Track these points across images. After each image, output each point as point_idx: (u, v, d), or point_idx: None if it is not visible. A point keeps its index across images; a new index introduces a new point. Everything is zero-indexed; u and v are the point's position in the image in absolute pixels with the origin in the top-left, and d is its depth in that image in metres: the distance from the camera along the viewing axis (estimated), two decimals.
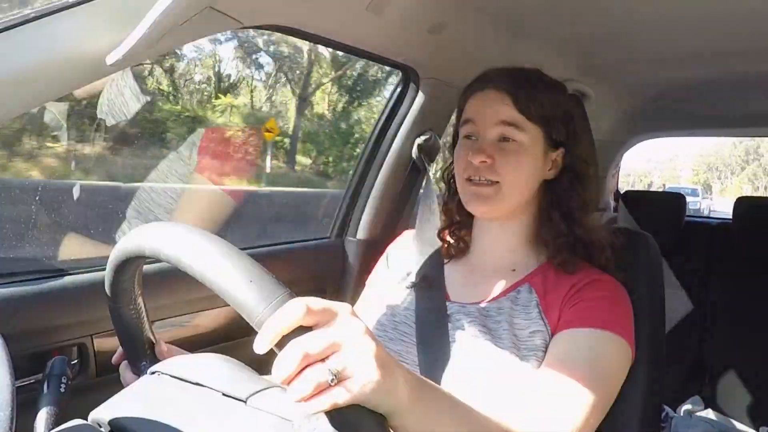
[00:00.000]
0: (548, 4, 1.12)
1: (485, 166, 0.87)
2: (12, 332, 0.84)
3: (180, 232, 0.53)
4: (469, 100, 0.94)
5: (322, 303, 0.46)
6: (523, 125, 0.88)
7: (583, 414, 0.72)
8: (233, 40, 11.22)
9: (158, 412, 0.57)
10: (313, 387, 0.43)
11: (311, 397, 0.43)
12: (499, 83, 0.90)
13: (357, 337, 0.45)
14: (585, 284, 0.85)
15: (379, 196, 1.49)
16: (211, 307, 1.17)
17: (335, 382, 0.43)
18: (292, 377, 0.43)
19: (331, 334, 0.45)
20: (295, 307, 0.44)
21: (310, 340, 0.44)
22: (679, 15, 1.12)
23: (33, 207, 1.84)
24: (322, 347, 0.44)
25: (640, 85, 1.76)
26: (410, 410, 0.49)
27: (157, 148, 6.26)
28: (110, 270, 0.64)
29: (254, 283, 0.46)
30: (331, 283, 1.47)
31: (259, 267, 0.48)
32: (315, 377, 0.43)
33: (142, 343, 0.73)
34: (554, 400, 0.74)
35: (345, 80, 10.82)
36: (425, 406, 0.52)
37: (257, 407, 0.56)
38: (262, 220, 4.46)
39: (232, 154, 6.91)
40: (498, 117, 0.89)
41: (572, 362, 0.77)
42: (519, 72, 0.93)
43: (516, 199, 0.90)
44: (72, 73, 0.71)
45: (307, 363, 0.43)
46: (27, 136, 3.67)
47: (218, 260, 0.48)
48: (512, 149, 0.88)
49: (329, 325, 0.45)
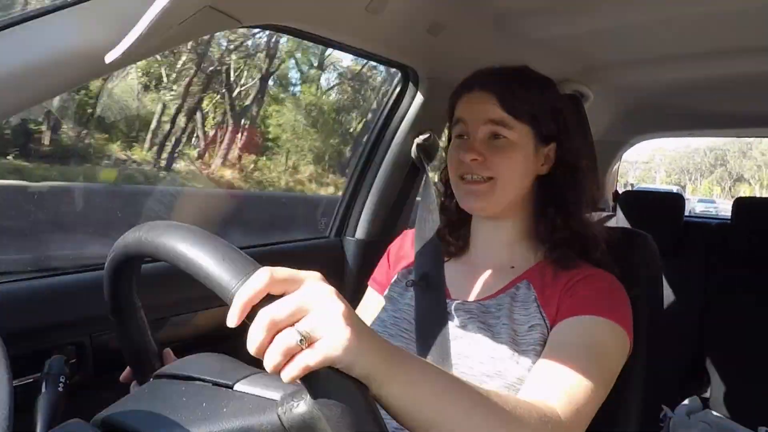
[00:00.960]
0: (548, 4, 1.12)
1: (477, 163, 0.89)
2: (10, 331, 0.84)
3: (158, 225, 0.55)
4: (459, 101, 0.96)
5: (288, 271, 0.46)
6: (511, 123, 0.89)
7: (582, 388, 0.71)
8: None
9: (148, 404, 0.58)
10: (283, 351, 0.43)
11: (285, 365, 0.43)
12: (484, 84, 0.92)
13: (324, 299, 0.46)
14: (582, 278, 0.86)
15: (378, 195, 1.49)
16: (209, 307, 1.17)
17: (305, 344, 0.43)
18: (264, 346, 0.44)
19: (297, 298, 0.45)
20: (261, 276, 0.44)
21: (277, 305, 0.44)
22: (679, 15, 1.12)
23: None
24: (289, 311, 0.44)
25: (640, 85, 1.76)
26: (391, 376, 0.49)
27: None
28: (107, 279, 0.65)
29: (226, 261, 0.47)
30: (330, 282, 1.46)
31: (232, 247, 0.49)
32: (284, 341, 0.43)
33: (148, 358, 0.74)
34: (553, 375, 0.73)
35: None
36: (407, 374, 0.51)
37: (243, 391, 0.56)
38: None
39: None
40: (486, 116, 0.90)
41: (570, 347, 0.77)
42: (505, 71, 0.94)
43: (511, 194, 0.91)
44: (71, 72, 0.71)
45: (276, 330, 0.44)
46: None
47: (192, 244, 0.49)
48: (503, 145, 0.89)
49: (297, 291, 0.45)
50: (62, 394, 0.66)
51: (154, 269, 1.03)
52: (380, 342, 0.49)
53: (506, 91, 0.89)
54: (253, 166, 9.05)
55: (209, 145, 8.66)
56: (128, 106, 7.53)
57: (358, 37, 1.14)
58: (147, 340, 0.72)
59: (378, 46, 1.21)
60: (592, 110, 1.63)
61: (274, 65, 9.58)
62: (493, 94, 0.90)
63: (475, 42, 1.26)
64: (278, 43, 8.97)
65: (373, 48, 1.21)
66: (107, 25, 0.70)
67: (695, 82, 1.66)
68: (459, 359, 0.84)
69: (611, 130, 2.18)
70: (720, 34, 1.21)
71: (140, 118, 7.84)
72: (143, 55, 0.76)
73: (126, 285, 0.67)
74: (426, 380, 0.54)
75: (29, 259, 2.54)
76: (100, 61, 0.70)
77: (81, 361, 0.97)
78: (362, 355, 0.45)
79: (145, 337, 0.72)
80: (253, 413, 0.52)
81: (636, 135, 2.44)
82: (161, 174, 7.40)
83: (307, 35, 1.10)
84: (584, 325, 0.79)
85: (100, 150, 6.53)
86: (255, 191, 8.48)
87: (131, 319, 0.70)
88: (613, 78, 1.65)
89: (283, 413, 0.49)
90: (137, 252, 0.58)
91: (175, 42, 0.80)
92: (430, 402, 0.53)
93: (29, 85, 0.68)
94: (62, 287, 0.94)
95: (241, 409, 0.53)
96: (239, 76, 9.32)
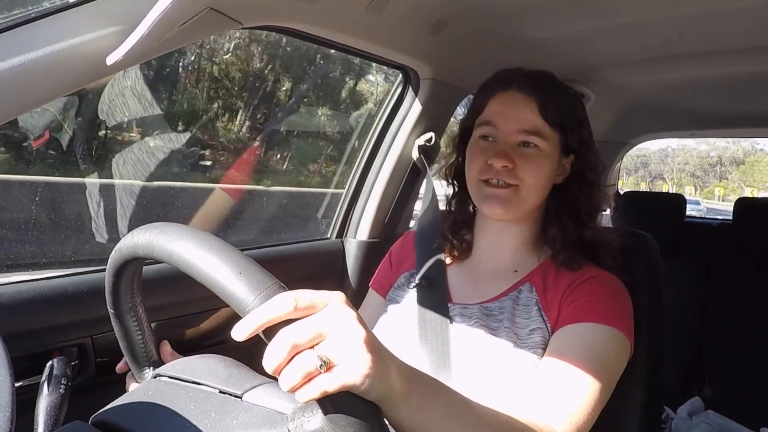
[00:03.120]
0: (549, 4, 1.12)
1: (507, 170, 0.87)
2: (12, 333, 0.84)
3: (171, 230, 0.53)
4: (491, 99, 0.92)
5: (310, 296, 0.45)
6: (545, 132, 0.88)
7: (582, 405, 0.72)
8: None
9: (156, 411, 0.58)
10: (302, 375, 0.43)
11: (301, 386, 0.43)
12: (523, 85, 0.89)
13: (345, 324, 0.45)
14: (583, 280, 0.85)
15: (379, 196, 1.49)
16: (211, 308, 1.17)
17: (324, 369, 0.43)
18: (281, 366, 0.43)
19: (319, 322, 0.44)
20: (284, 302, 0.44)
21: (298, 328, 0.44)
22: (679, 15, 1.12)
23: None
24: (310, 335, 0.43)
25: (641, 85, 1.76)
26: (404, 399, 0.49)
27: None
28: (109, 275, 0.64)
29: (243, 274, 0.46)
30: (331, 284, 1.47)
31: (248, 259, 0.48)
32: (303, 365, 0.43)
33: (144, 350, 0.73)
34: (553, 392, 0.74)
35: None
36: (420, 396, 0.52)
37: (252, 402, 0.56)
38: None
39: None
40: (523, 122, 0.88)
41: (571, 356, 0.77)
42: (540, 75, 0.92)
43: (531, 202, 0.90)
44: (72, 74, 0.71)
45: (296, 351, 0.43)
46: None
47: (208, 254, 0.48)
48: (533, 154, 0.88)
49: (318, 313, 0.45)
50: (64, 395, 0.66)
51: (153, 270, 1.03)
52: (397, 366, 0.49)
53: (545, 97, 0.88)
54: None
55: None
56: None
57: (359, 38, 1.14)
58: (145, 330, 0.72)
59: (379, 47, 1.21)
60: (593, 111, 1.63)
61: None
62: (533, 98, 0.88)
63: (476, 43, 1.26)
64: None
65: (373, 49, 1.21)
66: (108, 27, 0.70)
67: (695, 82, 1.66)
68: (460, 362, 0.84)
69: (612, 131, 2.18)
70: (720, 34, 1.21)
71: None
72: (144, 57, 0.76)
73: (128, 280, 0.66)
74: (437, 402, 0.54)
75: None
76: (101, 63, 0.70)
77: (83, 362, 0.97)
78: (379, 381, 0.45)
79: (144, 328, 0.72)
80: (263, 426, 0.52)
81: (637, 135, 2.44)
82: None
83: (307, 36, 1.10)
84: (585, 333, 0.79)
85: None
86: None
87: (131, 311, 0.69)
88: (614, 78, 1.65)
89: (294, 428, 0.49)
90: (147, 254, 0.57)
91: (176, 44, 0.80)
92: (440, 424, 0.54)
93: (30, 87, 0.68)
94: (64, 289, 0.94)
95: (251, 421, 0.53)
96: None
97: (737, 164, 56.68)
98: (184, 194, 3.55)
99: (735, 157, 57.09)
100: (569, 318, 0.81)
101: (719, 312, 2.02)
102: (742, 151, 55.68)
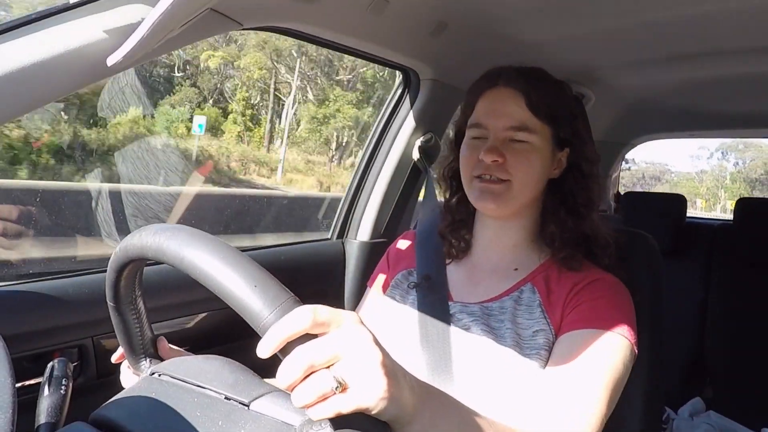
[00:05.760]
0: (549, 5, 1.12)
1: (497, 165, 0.87)
2: (12, 334, 0.84)
3: (183, 234, 0.52)
4: (480, 98, 0.93)
5: (328, 313, 0.45)
6: (534, 126, 0.88)
7: (591, 417, 0.72)
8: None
9: (159, 413, 0.57)
10: (317, 395, 0.43)
11: (314, 404, 0.43)
12: (509, 80, 0.90)
13: (362, 346, 0.45)
14: (586, 284, 0.85)
15: (379, 197, 1.49)
16: (213, 309, 1.17)
17: (339, 390, 0.43)
18: (296, 383, 0.43)
19: (336, 342, 0.44)
20: (302, 317, 0.44)
21: (315, 347, 0.43)
22: (679, 15, 1.12)
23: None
24: (327, 356, 0.43)
25: (641, 85, 1.76)
26: (415, 418, 0.49)
27: None
28: (112, 270, 0.63)
29: (259, 288, 0.46)
30: (332, 285, 1.47)
31: (263, 271, 0.47)
32: (319, 385, 0.43)
33: (142, 342, 0.73)
34: (563, 405, 0.73)
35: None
36: (431, 414, 0.52)
37: (260, 411, 0.56)
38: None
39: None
40: (510, 118, 0.88)
41: (577, 365, 0.76)
42: (528, 71, 0.92)
43: (525, 197, 0.90)
44: (73, 75, 0.71)
45: (312, 370, 0.43)
46: None
47: (222, 264, 0.48)
48: (523, 149, 0.88)
49: (335, 333, 0.45)
50: (65, 396, 0.66)
51: (155, 271, 1.03)
52: (411, 386, 0.49)
53: (532, 91, 0.88)
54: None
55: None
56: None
57: (359, 38, 1.14)
58: (144, 323, 0.71)
59: (379, 47, 1.21)
60: (593, 111, 1.63)
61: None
62: (520, 92, 0.88)
63: (476, 43, 1.27)
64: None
65: (374, 50, 1.21)
66: (109, 28, 0.70)
67: (695, 82, 1.66)
68: (461, 362, 0.83)
69: (612, 131, 2.18)
70: (720, 34, 1.21)
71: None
72: (145, 58, 0.76)
73: (130, 277, 0.66)
74: (448, 419, 0.55)
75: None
76: (101, 64, 0.70)
77: (83, 363, 0.97)
78: (394, 403, 0.45)
79: (142, 321, 0.71)
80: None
81: (637, 136, 2.44)
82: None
83: (308, 37, 1.10)
84: (590, 340, 0.78)
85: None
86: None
87: (130, 305, 0.68)
88: (614, 78, 1.65)
89: None
90: (155, 257, 0.55)
91: (176, 45, 0.80)
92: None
93: (31, 88, 0.68)
94: (65, 290, 0.94)
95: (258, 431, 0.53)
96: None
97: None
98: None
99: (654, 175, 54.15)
100: (574, 323, 0.81)
101: (720, 312, 2.02)
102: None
